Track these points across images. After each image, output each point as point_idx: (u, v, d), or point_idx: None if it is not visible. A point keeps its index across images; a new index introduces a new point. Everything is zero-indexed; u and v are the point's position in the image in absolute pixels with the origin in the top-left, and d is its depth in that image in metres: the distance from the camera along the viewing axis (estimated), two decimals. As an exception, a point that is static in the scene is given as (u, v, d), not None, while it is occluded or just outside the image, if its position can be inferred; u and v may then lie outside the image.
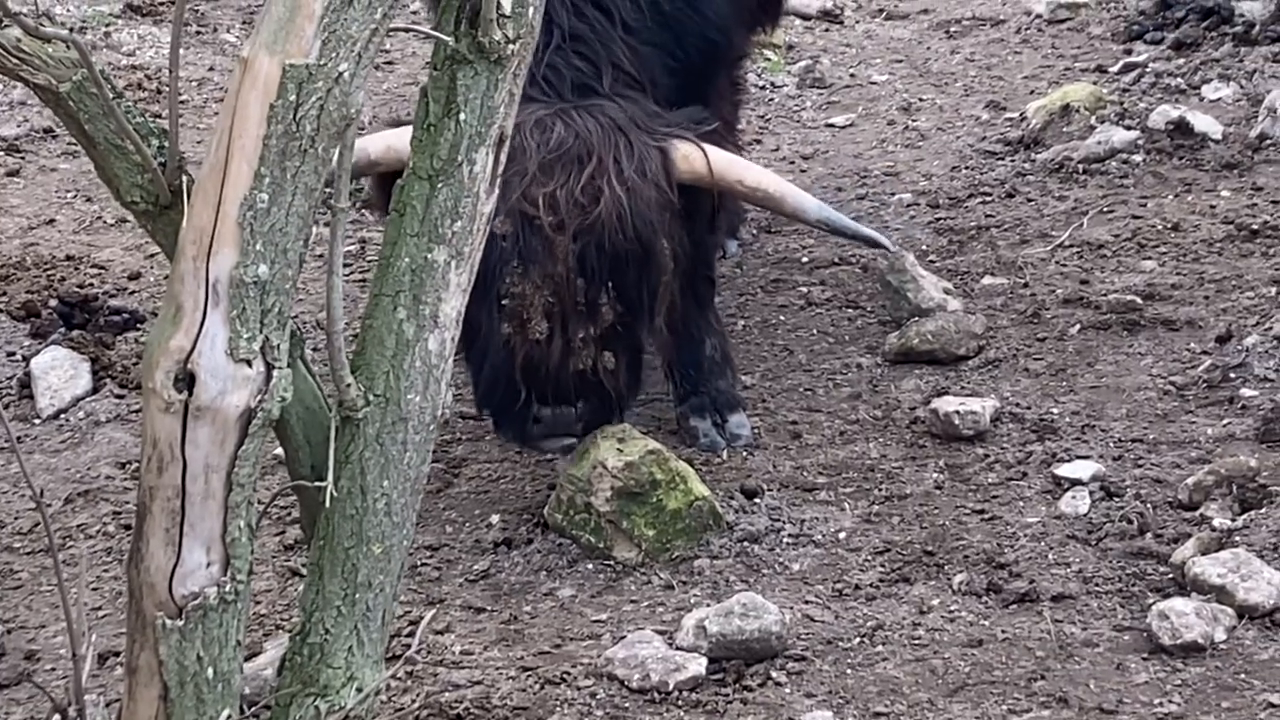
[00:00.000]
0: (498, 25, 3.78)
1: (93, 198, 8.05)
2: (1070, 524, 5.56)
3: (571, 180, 5.58)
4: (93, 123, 3.70)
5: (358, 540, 3.86)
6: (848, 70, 9.25)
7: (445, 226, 3.82)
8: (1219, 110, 8.29)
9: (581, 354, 5.62)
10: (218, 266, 3.54)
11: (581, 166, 5.60)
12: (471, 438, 6.19)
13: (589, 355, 5.63)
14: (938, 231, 7.50)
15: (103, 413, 6.52)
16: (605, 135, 5.63)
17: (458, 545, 5.69)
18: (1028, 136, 8.29)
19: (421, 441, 3.89)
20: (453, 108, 3.82)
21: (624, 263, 5.65)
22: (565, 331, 5.60)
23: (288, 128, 3.52)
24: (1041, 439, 6.00)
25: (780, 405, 6.35)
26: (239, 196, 3.52)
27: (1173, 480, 5.69)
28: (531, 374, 5.58)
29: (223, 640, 3.70)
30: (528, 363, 5.57)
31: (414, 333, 3.83)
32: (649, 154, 5.68)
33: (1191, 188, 7.66)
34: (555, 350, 5.58)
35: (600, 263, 5.61)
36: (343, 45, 3.53)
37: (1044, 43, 9.42)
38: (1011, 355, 6.53)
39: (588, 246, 5.58)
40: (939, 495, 5.78)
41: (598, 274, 5.61)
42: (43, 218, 7.99)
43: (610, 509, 5.53)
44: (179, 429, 3.57)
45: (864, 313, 6.90)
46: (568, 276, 5.56)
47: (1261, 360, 6.29)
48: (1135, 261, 7.10)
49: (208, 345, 3.54)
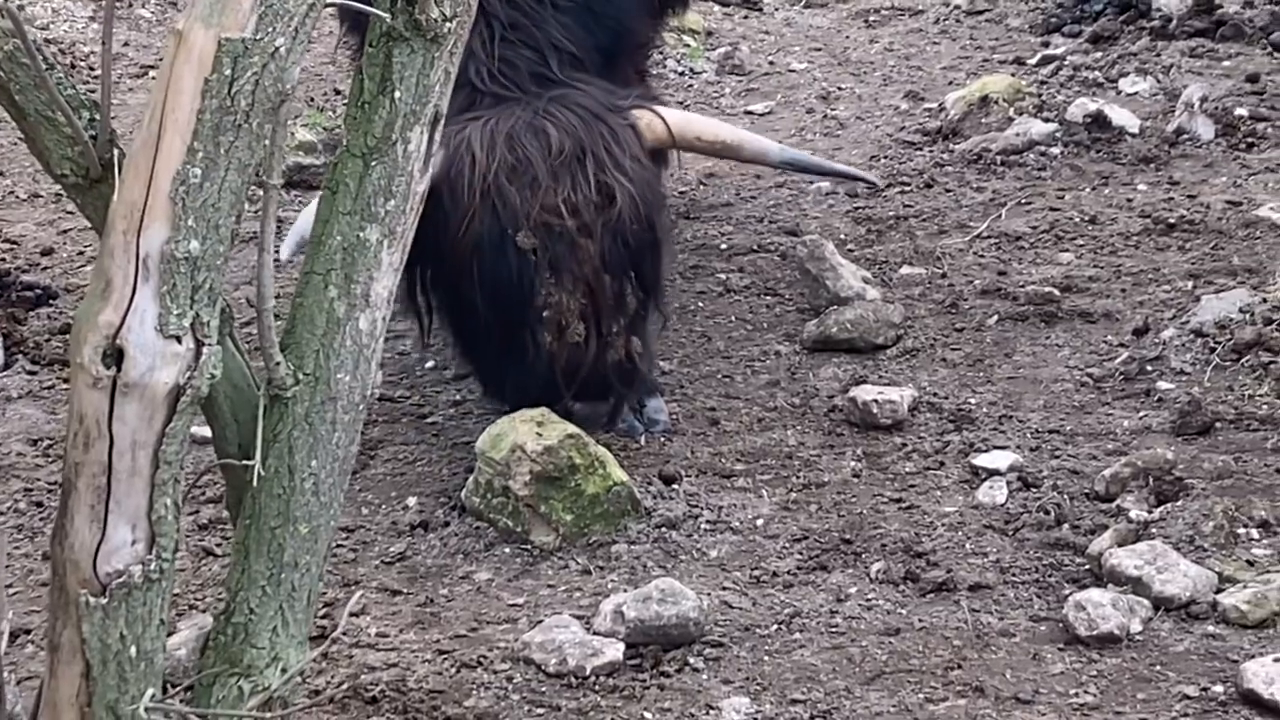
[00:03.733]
0: (435, 3, 3.78)
1: (5, 172, 8.00)
2: (987, 514, 5.60)
3: (582, 182, 5.71)
4: (24, 94, 3.67)
5: (284, 520, 3.85)
6: (766, 58, 9.27)
7: (379, 205, 3.82)
8: (1136, 104, 8.35)
9: (616, 346, 5.80)
10: (148, 241, 3.51)
11: (584, 166, 5.73)
12: (388, 419, 6.18)
13: (622, 346, 5.82)
14: (856, 220, 7.52)
15: (14, 389, 6.48)
16: (589, 128, 5.78)
17: (374, 527, 5.69)
18: (946, 127, 8.33)
19: (350, 421, 3.89)
20: (388, 85, 3.82)
21: (642, 249, 5.87)
22: (600, 329, 5.76)
23: (222, 102, 3.50)
24: (959, 429, 6.04)
25: (698, 392, 6.37)
26: (171, 171, 3.50)
27: (1089, 472, 5.73)
28: (572, 376, 5.76)
29: (146, 619, 3.67)
30: (569, 366, 5.74)
31: (345, 312, 3.82)
32: (627, 135, 5.87)
33: (1109, 181, 7.72)
34: (592, 348, 5.75)
35: (623, 256, 5.81)
36: (279, 20, 3.51)
37: (963, 34, 9.46)
38: (929, 345, 6.56)
39: (612, 244, 5.76)
40: (857, 484, 5.80)
41: (622, 267, 5.81)
42: (-47, 191, 7.95)
43: (528, 493, 5.54)
44: (106, 405, 3.55)
45: (782, 300, 6.92)
46: (597, 276, 5.72)
47: (1178, 353, 6.33)
48: (1053, 253, 7.15)
49: (137, 321, 3.52)
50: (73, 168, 3.75)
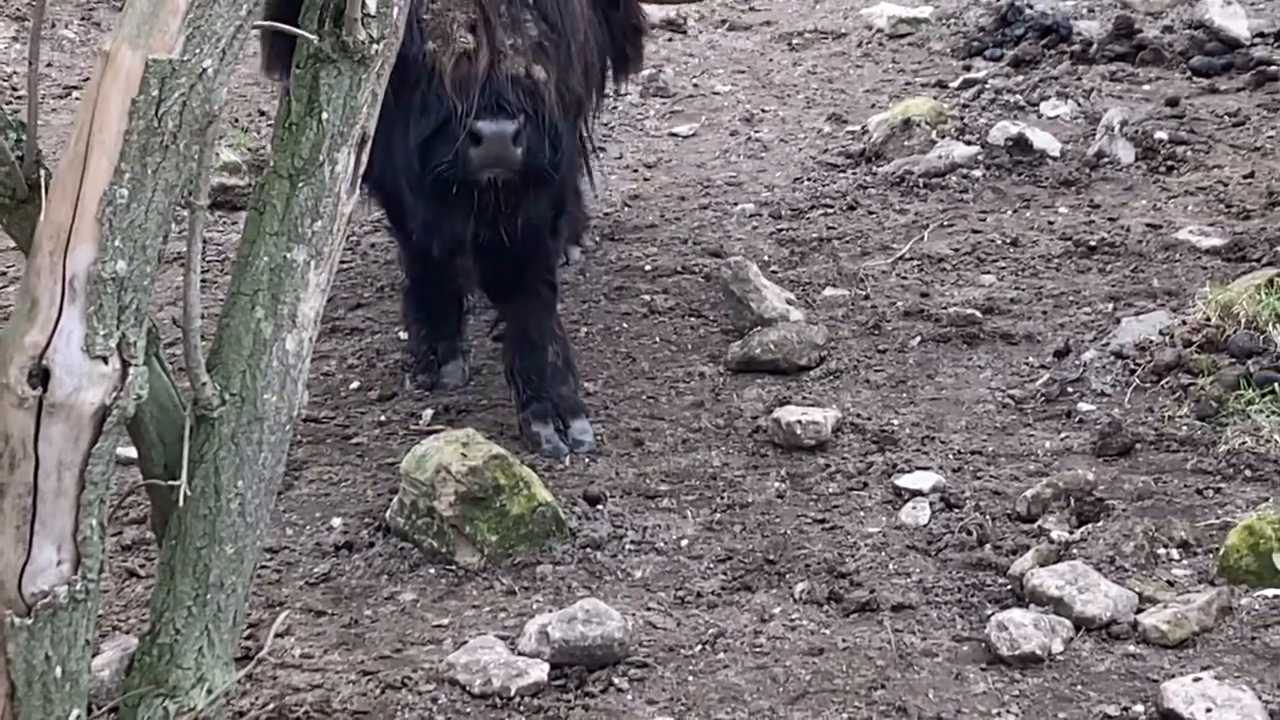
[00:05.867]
0: (362, 25, 3.79)
1: (-73, 190, 7.97)
2: (910, 534, 5.62)
3: None
4: (-51, 116, 3.68)
5: (210, 540, 3.85)
6: (691, 80, 9.30)
7: (305, 226, 3.82)
8: (1057, 127, 8.40)
9: (512, 59, 5.55)
10: (75, 262, 3.52)
11: None
12: (313, 440, 6.17)
13: (520, 62, 5.56)
14: (780, 242, 7.55)
15: (-62, 409, 6.44)
16: None
17: (298, 548, 5.67)
18: (869, 150, 8.36)
19: (277, 442, 3.89)
20: (315, 107, 3.82)
21: None
22: (491, 41, 5.53)
23: (149, 123, 3.51)
24: (882, 450, 6.06)
25: (623, 412, 6.38)
26: (98, 192, 3.50)
27: (1011, 492, 5.76)
28: (464, 90, 5.50)
29: (72, 639, 3.67)
30: (460, 78, 5.49)
31: (272, 332, 3.83)
32: None
33: (1030, 203, 7.77)
34: (484, 59, 5.51)
35: None
36: (207, 41, 3.52)
37: (885, 57, 9.50)
38: (853, 366, 6.59)
39: None
40: (781, 504, 5.82)
41: None
42: (-126, 210, 7.90)
43: (453, 513, 5.53)
44: (32, 425, 3.55)
45: (707, 321, 6.94)
46: None
47: (1098, 375, 6.38)
48: (975, 275, 7.19)
49: (63, 341, 3.52)
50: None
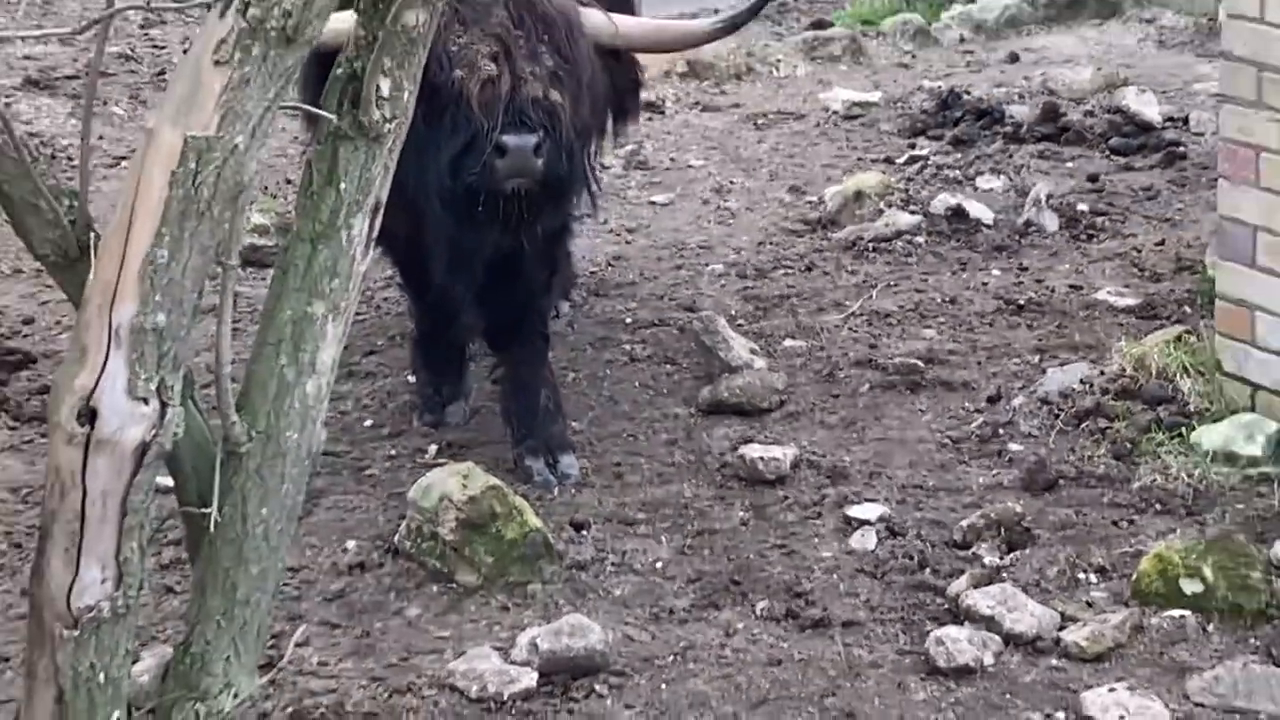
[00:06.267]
0: (376, 106, 3.79)
1: (-10, 248, 7.96)
2: (859, 559, 5.61)
3: None
4: (10, 183, 3.66)
5: (237, 562, 3.84)
6: (668, 155, 9.28)
7: (324, 284, 3.82)
8: (991, 199, 8.40)
9: (531, 84, 5.56)
10: (120, 314, 3.52)
11: None
12: (330, 471, 6.15)
13: (538, 86, 5.57)
14: (745, 299, 7.54)
15: (-2, 443, 6.45)
16: None
17: (316, 568, 5.65)
18: (824, 218, 8.35)
19: (297, 475, 3.89)
20: (334, 178, 3.82)
21: (554, 22, 5.67)
22: (512, 69, 5.54)
23: (187, 192, 3.51)
24: (835, 483, 6.05)
25: (606, 449, 6.36)
26: (141, 253, 3.50)
27: (949, 522, 5.75)
28: (489, 110, 5.50)
29: (113, 649, 3.67)
30: (484, 100, 5.50)
31: (293, 377, 3.82)
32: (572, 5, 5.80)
33: (966, 266, 7.77)
34: (506, 83, 5.52)
35: (533, 21, 5.62)
36: (239, 120, 3.52)
37: (839, 136, 9.49)
38: (809, 409, 6.58)
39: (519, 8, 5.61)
40: (744, 531, 5.81)
41: (532, 30, 5.61)
42: (-57, 268, 7.89)
43: (454, 538, 5.52)
44: (80, 459, 3.55)
45: (680, 368, 6.93)
46: (508, 30, 5.57)
47: (1026, 419, 6.38)
48: (917, 330, 7.18)
49: (109, 384, 3.52)
50: (54, 249, 3.74)
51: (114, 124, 9.45)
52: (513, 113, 5.52)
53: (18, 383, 6.84)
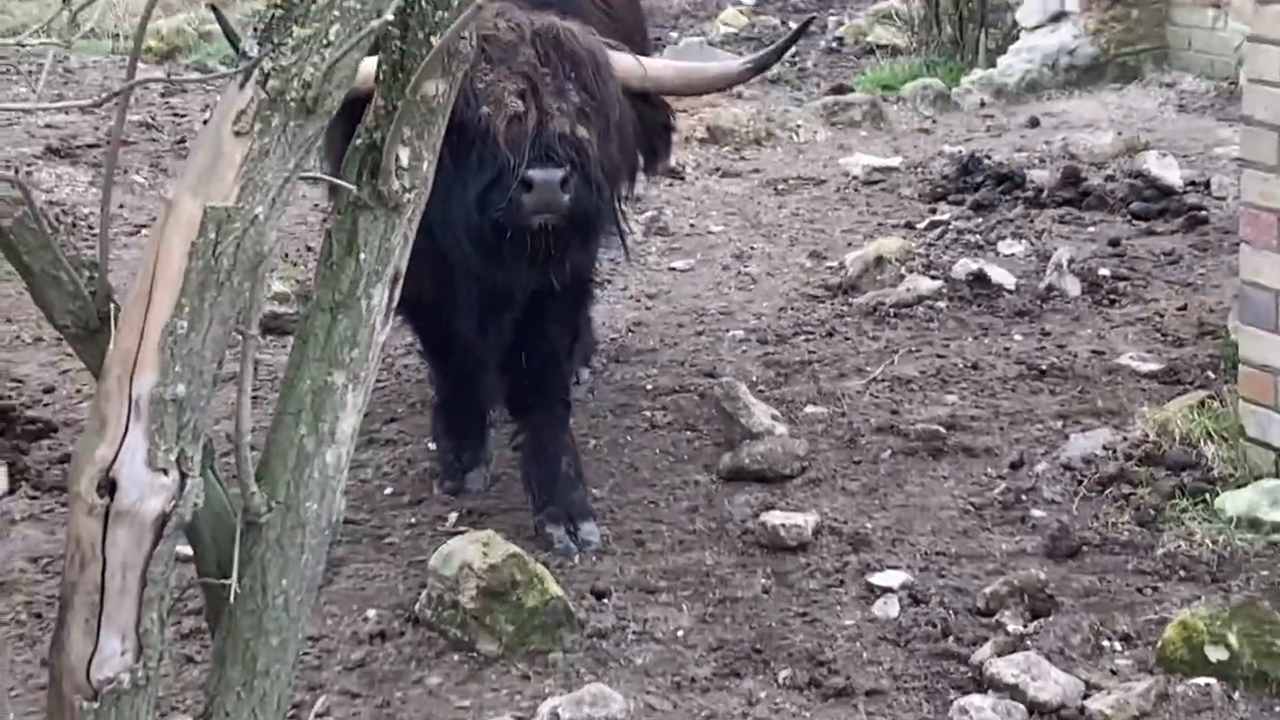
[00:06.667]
0: (396, 176, 3.79)
1: (12, 319, 7.97)
2: (882, 627, 5.59)
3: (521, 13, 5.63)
4: (31, 254, 3.65)
5: (257, 633, 3.82)
6: (688, 220, 9.31)
7: (344, 353, 3.81)
8: (1012, 264, 8.41)
9: (559, 119, 5.54)
10: (140, 385, 3.51)
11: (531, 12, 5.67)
12: (350, 540, 6.15)
13: (565, 122, 5.54)
14: (766, 364, 7.54)
15: (18, 512, 6.43)
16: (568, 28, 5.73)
17: (337, 637, 5.64)
18: (846, 283, 8.36)
19: (317, 545, 3.87)
20: (354, 248, 3.82)
21: (581, 60, 5.66)
22: (539, 106, 5.52)
23: (207, 263, 3.50)
24: (857, 550, 6.03)
25: (626, 516, 6.35)
26: (161, 323, 3.50)
27: (972, 589, 5.73)
28: (516, 146, 5.47)
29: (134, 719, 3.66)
30: (512, 136, 5.48)
31: (313, 447, 3.81)
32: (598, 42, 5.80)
33: (988, 331, 7.76)
34: (533, 119, 5.50)
35: (560, 59, 5.61)
36: (259, 190, 3.52)
37: (860, 201, 9.51)
38: (831, 475, 6.56)
39: (546, 46, 5.61)
40: (766, 599, 5.78)
41: (560, 68, 5.60)
42: (-34, 336, 7.91)
43: (475, 606, 5.50)
44: (100, 530, 3.53)
45: (701, 435, 6.92)
46: (535, 69, 5.55)
47: (1049, 485, 6.36)
48: (939, 395, 7.18)
49: (129, 455, 3.51)
50: (74, 320, 3.73)
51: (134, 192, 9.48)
52: (539, 148, 5.49)
53: (38, 452, 6.85)
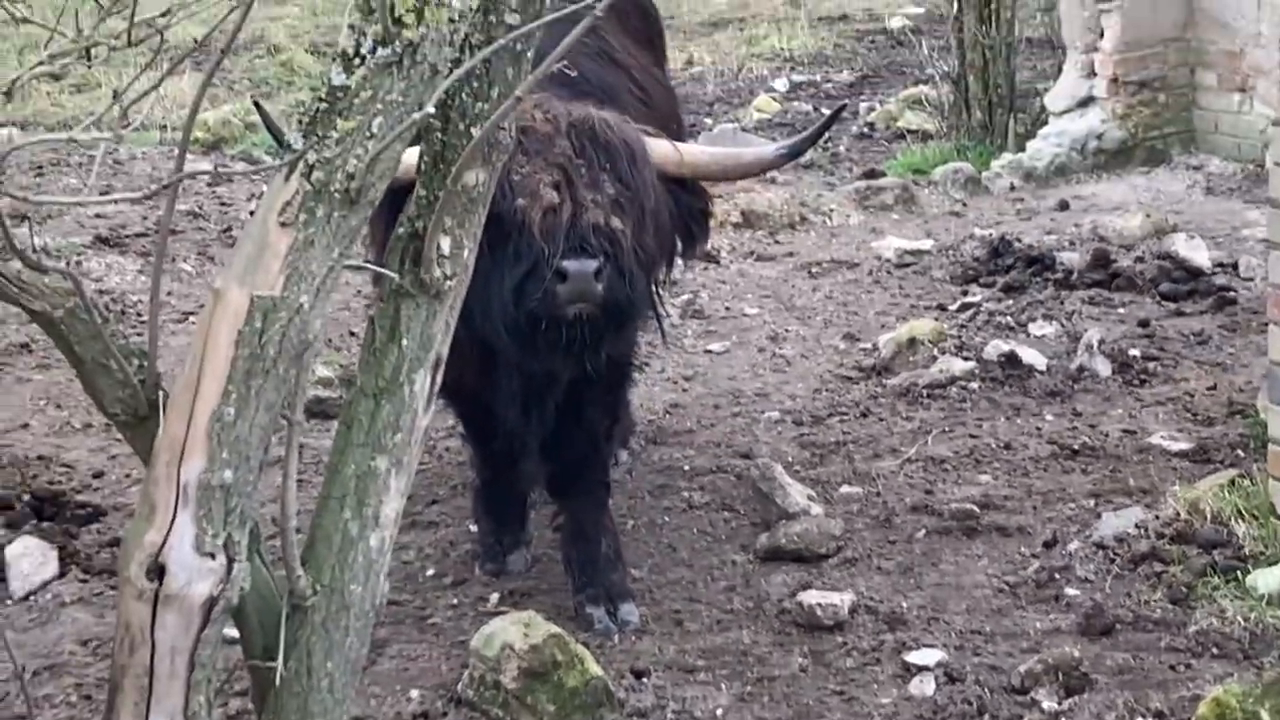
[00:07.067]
0: (437, 264, 3.83)
1: (62, 405, 8.01)
2: (918, 705, 5.57)
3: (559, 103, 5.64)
4: (82, 344, 3.70)
5: (302, 714, 3.83)
6: (724, 304, 9.32)
7: (387, 438, 3.84)
8: (1043, 345, 8.40)
9: (593, 211, 5.54)
10: (188, 471, 3.54)
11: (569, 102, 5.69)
12: (394, 621, 6.16)
13: (599, 214, 5.55)
14: (802, 445, 7.54)
15: (68, 595, 6.45)
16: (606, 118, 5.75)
17: (380, 717, 5.63)
18: (879, 364, 8.36)
19: (361, 627, 3.88)
20: (396, 334, 3.85)
21: (617, 150, 5.66)
22: (574, 198, 5.53)
23: (253, 351, 3.54)
24: (893, 629, 6.02)
25: (665, 596, 6.35)
26: (209, 410, 3.53)
27: (1007, 667, 5.70)
28: (551, 237, 5.48)
29: (182, 802, 3.67)
30: (547, 228, 5.48)
31: (357, 531, 3.83)
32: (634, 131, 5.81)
33: (1020, 411, 7.75)
34: (567, 211, 5.51)
35: (595, 149, 5.63)
36: (304, 280, 3.56)
37: (893, 284, 9.52)
38: (866, 555, 6.56)
39: (582, 137, 5.62)
40: (804, 678, 5.77)
41: (595, 159, 5.61)
42: (18, 422, 7.94)
43: (516, 686, 5.50)
44: (149, 614, 3.56)
45: (738, 515, 6.92)
46: (571, 161, 5.57)
47: (1082, 564, 6.35)
48: (973, 475, 7.17)
49: (177, 540, 3.54)
50: (123, 408, 3.76)
51: (182, 280, 9.54)
52: (574, 239, 5.50)
53: (88, 535, 6.88)
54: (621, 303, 5.63)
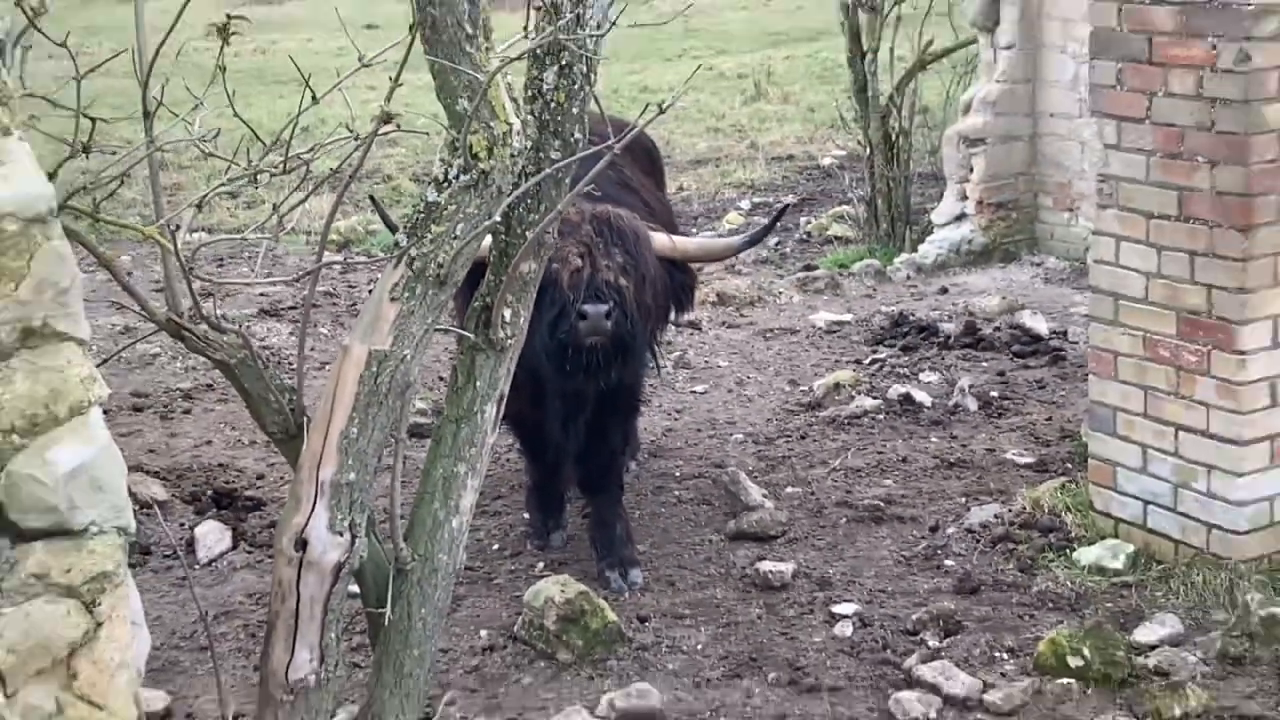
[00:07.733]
0: (501, 328, 3.84)
1: (236, 427, 7.99)
2: (840, 642, 5.56)
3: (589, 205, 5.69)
4: (249, 383, 3.71)
5: (404, 646, 3.83)
6: (704, 358, 9.29)
7: (465, 451, 3.84)
8: (930, 388, 8.37)
9: (605, 271, 5.62)
10: (324, 474, 3.55)
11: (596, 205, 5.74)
12: (469, 581, 6.13)
13: (611, 274, 5.63)
14: (759, 458, 7.52)
15: (238, 562, 6.43)
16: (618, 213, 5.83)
17: (458, 650, 5.62)
18: (813, 401, 8.33)
19: (446, 585, 3.88)
20: (471, 377, 3.86)
21: (625, 234, 5.74)
22: (593, 263, 5.62)
23: (371, 389, 3.55)
24: (822, 589, 6.00)
25: (661, 564, 6.32)
26: (339, 430, 3.54)
27: (903, 616, 5.69)
28: (576, 287, 5.57)
29: (318, 708, 3.65)
30: (572, 280, 5.57)
31: (444, 517, 3.83)
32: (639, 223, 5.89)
33: (913, 435, 7.73)
34: (587, 270, 5.60)
35: (609, 232, 5.70)
36: (407, 339, 3.57)
37: (823, 345, 9.49)
38: (804, 536, 6.53)
39: (600, 224, 5.70)
40: (759, 623, 5.75)
41: (608, 238, 5.69)
42: (204, 439, 7.92)
43: (555, 628, 5.49)
44: (295, 575, 3.56)
45: (713, 508, 6.89)
46: (591, 239, 5.65)
47: (957, 543, 6.33)
48: (879, 480, 7.14)
49: (316, 523, 3.54)
50: (279, 428, 3.77)
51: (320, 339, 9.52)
52: (591, 290, 5.60)
53: (253, 520, 6.86)
54: (625, 337, 5.70)
